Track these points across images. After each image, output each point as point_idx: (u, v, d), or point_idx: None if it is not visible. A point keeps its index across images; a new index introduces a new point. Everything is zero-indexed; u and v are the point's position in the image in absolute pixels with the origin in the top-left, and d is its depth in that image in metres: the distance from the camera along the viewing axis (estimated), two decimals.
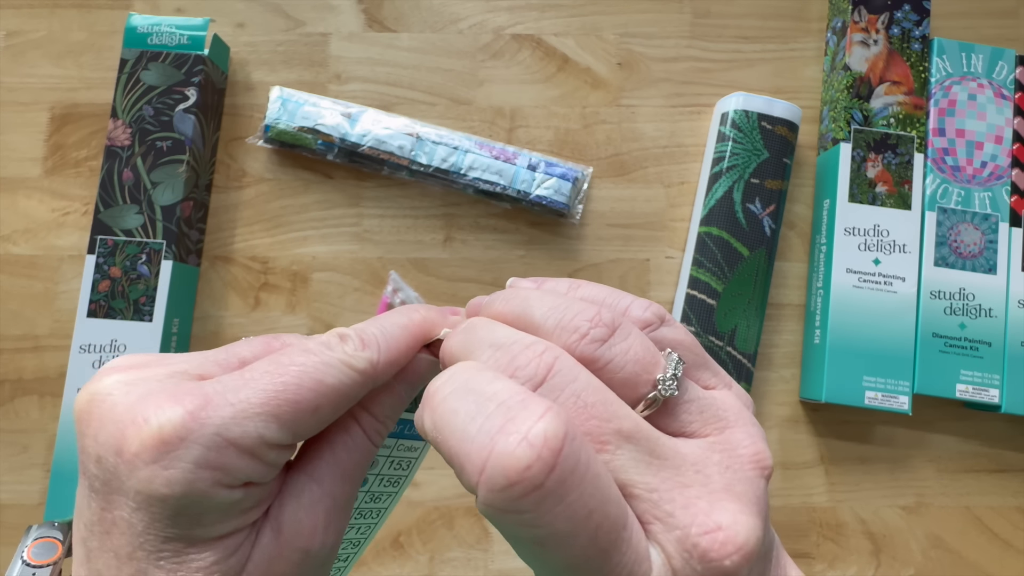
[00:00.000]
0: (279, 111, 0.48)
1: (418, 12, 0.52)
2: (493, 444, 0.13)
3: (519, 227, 0.50)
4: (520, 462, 0.13)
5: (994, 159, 0.48)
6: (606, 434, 0.15)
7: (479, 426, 0.14)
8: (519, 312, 0.18)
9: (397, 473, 0.25)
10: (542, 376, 0.15)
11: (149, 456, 0.16)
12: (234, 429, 0.16)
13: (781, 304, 0.50)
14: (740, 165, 0.47)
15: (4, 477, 0.47)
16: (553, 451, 0.13)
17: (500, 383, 0.15)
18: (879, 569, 0.47)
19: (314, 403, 0.17)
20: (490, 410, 0.14)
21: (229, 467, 0.16)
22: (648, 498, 0.15)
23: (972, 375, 0.45)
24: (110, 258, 0.45)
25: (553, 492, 0.13)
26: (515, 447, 0.13)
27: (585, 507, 0.13)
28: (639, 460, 0.15)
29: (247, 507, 0.17)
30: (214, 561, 0.17)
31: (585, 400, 0.15)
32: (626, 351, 0.17)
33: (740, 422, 0.17)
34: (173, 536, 0.16)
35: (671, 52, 0.52)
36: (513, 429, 0.13)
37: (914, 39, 0.48)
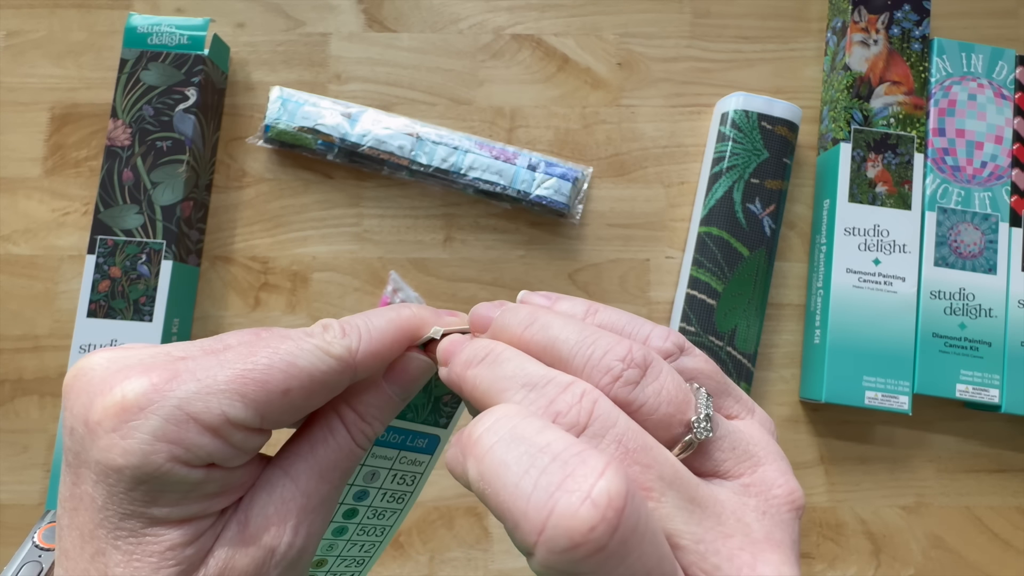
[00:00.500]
0: (279, 111, 0.48)
1: (418, 12, 0.52)
2: (554, 503, 0.13)
3: (519, 227, 0.50)
4: (584, 523, 0.12)
5: (994, 159, 0.48)
6: (650, 481, 0.15)
7: (535, 482, 0.13)
8: (543, 343, 0.18)
9: (401, 489, 0.24)
10: (583, 423, 0.15)
11: (109, 424, 0.16)
12: (196, 403, 0.16)
13: (781, 304, 0.50)
14: (740, 165, 0.47)
15: (4, 477, 0.47)
16: (617, 511, 0.12)
17: (551, 433, 0.14)
18: (879, 569, 0.47)
19: (284, 384, 0.17)
20: (545, 464, 0.13)
21: (188, 443, 0.16)
22: (695, 550, 0.15)
23: (972, 375, 0.45)
24: (110, 258, 0.45)
25: (616, 554, 0.13)
26: (578, 507, 0.12)
27: (644, 567, 0.13)
28: (683, 508, 0.15)
29: (210, 492, 0.17)
30: (171, 545, 0.16)
31: (627, 446, 0.15)
32: (659, 391, 0.16)
33: (770, 457, 0.17)
34: (131, 513, 0.16)
35: (671, 52, 0.52)
36: (574, 487, 0.13)
37: (914, 39, 0.48)
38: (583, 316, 0.19)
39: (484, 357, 0.18)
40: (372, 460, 0.23)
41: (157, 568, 0.16)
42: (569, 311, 0.19)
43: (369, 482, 0.23)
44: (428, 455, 0.24)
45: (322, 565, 0.25)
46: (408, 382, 0.20)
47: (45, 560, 0.24)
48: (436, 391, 0.23)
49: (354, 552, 0.25)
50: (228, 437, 0.16)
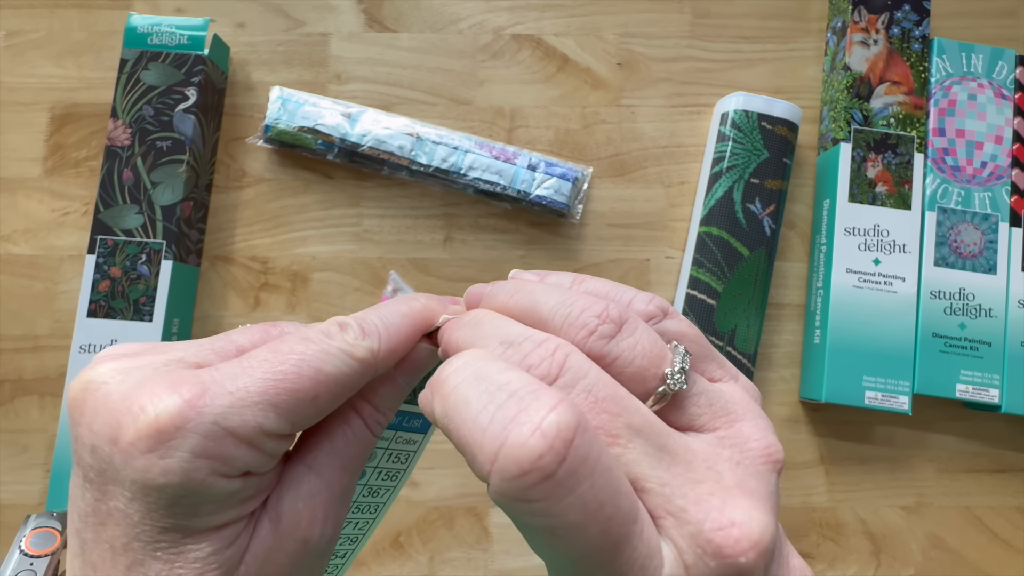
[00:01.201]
0: (279, 111, 0.48)
1: (418, 12, 0.52)
2: (506, 434, 0.13)
3: (519, 227, 0.50)
4: (532, 452, 0.13)
5: (994, 159, 0.48)
6: (617, 428, 0.15)
7: (491, 415, 0.14)
8: (525, 307, 0.18)
9: (395, 467, 0.25)
10: (555, 373, 0.15)
11: (145, 445, 0.16)
12: (232, 418, 0.16)
13: (781, 304, 0.50)
14: (740, 165, 0.47)
15: (4, 477, 0.47)
16: (565, 441, 0.13)
17: (512, 373, 0.15)
18: (879, 569, 0.47)
19: (313, 392, 0.17)
20: (502, 400, 0.14)
21: (227, 457, 0.16)
22: (660, 492, 0.15)
23: (972, 375, 0.45)
24: (110, 258, 0.45)
25: (564, 482, 0.13)
26: (527, 437, 0.13)
27: (596, 499, 0.14)
28: (650, 455, 0.15)
29: (245, 497, 0.17)
30: (212, 551, 0.17)
31: (596, 395, 0.15)
32: (633, 346, 0.17)
33: (749, 415, 0.17)
34: (170, 527, 0.16)
35: (671, 52, 0.52)
36: (526, 419, 0.14)
37: (914, 39, 0.48)
38: (569, 285, 0.20)
39: (468, 321, 0.19)
40: None
41: (201, 573, 0.16)
42: (556, 282, 0.20)
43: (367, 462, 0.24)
44: (421, 434, 0.25)
45: None
46: (418, 371, 0.21)
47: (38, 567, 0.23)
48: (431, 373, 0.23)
49: (348, 530, 0.25)
50: (262, 446, 0.17)
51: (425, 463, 0.48)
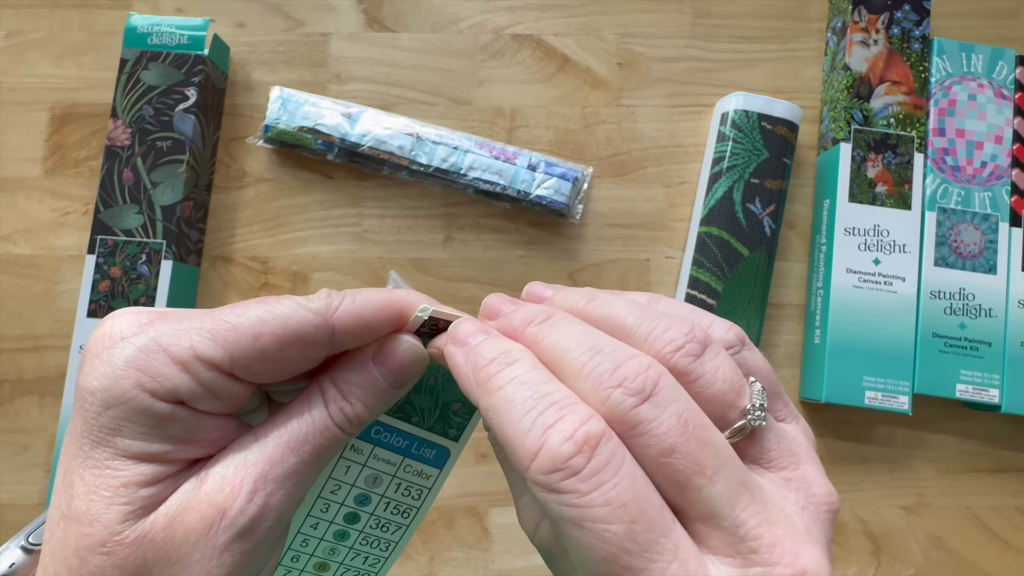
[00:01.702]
0: (279, 111, 0.48)
1: (418, 12, 0.52)
2: (546, 437, 0.15)
3: (519, 227, 0.50)
4: (565, 454, 0.15)
5: (994, 159, 0.48)
6: (705, 458, 0.16)
7: (533, 420, 0.16)
8: (606, 316, 0.18)
9: (407, 502, 0.23)
10: (649, 391, 0.16)
11: (94, 351, 0.17)
12: (168, 337, 0.17)
13: (781, 304, 0.50)
14: (740, 165, 0.47)
15: (4, 477, 0.47)
16: (592, 447, 0.15)
17: (554, 385, 0.16)
18: (879, 569, 0.47)
19: (255, 329, 0.17)
20: (544, 408, 0.16)
21: (155, 372, 0.17)
22: (734, 532, 0.15)
23: (972, 375, 0.45)
24: (110, 258, 0.45)
25: (589, 479, 0.15)
26: (562, 443, 0.15)
27: (619, 498, 0.15)
28: (731, 490, 0.16)
29: (174, 434, 0.17)
30: (126, 482, 0.17)
31: (687, 421, 0.16)
32: (716, 369, 0.17)
33: (810, 460, 0.18)
34: (99, 440, 0.17)
35: (671, 52, 0.52)
36: (562, 428, 0.15)
37: (914, 39, 0.48)
38: (646, 302, 0.20)
39: (548, 318, 0.18)
40: (374, 462, 0.23)
41: (109, 503, 0.16)
42: (632, 299, 0.20)
43: (371, 486, 0.23)
44: (436, 468, 0.23)
45: (324, 569, 0.24)
46: (397, 367, 0.20)
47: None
48: (444, 396, 0.22)
49: (358, 563, 0.24)
50: (196, 373, 0.17)
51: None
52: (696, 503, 0.15)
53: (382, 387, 0.20)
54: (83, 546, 0.16)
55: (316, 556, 0.24)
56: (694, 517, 0.16)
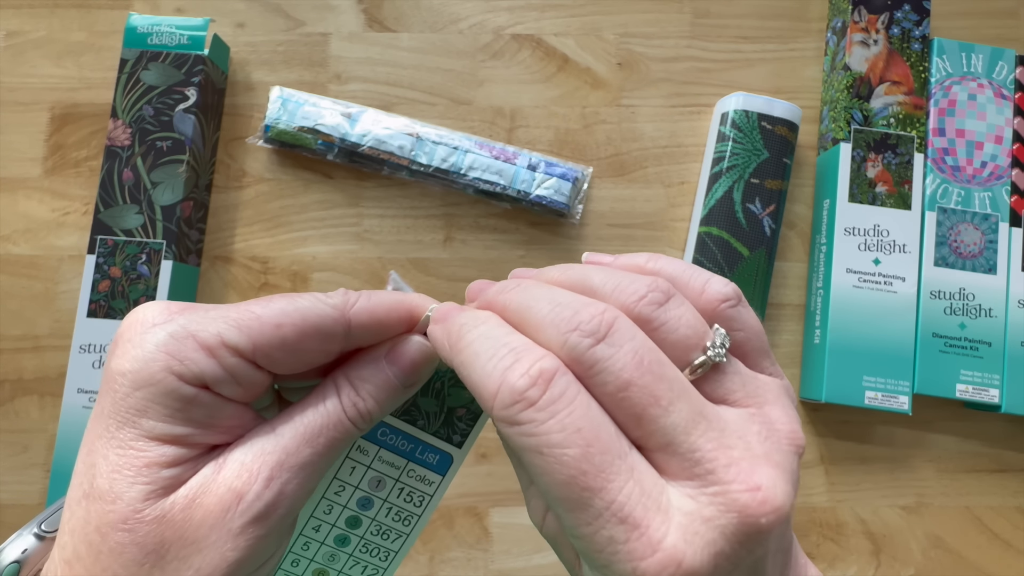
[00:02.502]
0: (279, 111, 0.48)
1: (418, 12, 0.52)
2: (504, 376, 0.16)
3: (519, 227, 0.50)
4: (522, 387, 0.16)
5: (994, 159, 0.48)
6: (660, 390, 0.16)
7: (495, 365, 0.17)
8: (576, 279, 0.20)
9: (408, 509, 0.23)
10: (603, 332, 0.17)
11: (127, 336, 0.18)
12: (197, 324, 0.18)
13: (781, 304, 0.50)
14: (740, 165, 0.47)
15: (4, 477, 0.47)
16: (546, 381, 0.16)
17: (515, 336, 0.18)
18: (879, 569, 0.47)
19: (277, 319, 0.19)
20: (504, 354, 0.17)
21: (184, 356, 0.18)
22: (690, 457, 0.16)
23: (972, 375, 0.45)
24: (110, 258, 0.45)
25: (545, 408, 0.16)
26: (519, 378, 0.16)
27: (574, 424, 0.16)
28: (687, 419, 0.16)
29: (197, 417, 0.18)
30: (149, 462, 0.17)
31: (641, 357, 0.17)
32: (680, 316, 0.18)
33: (779, 403, 0.18)
34: (125, 421, 0.17)
35: (671, 52, 0.52)
36: (519, 367, 0.17)
37: (914, 39, 0.48)
38: (644, 262, 0.21)
39: (517, 285, 0.20)
40: (378, 464, 0.23)
41: (132, 482, 0.17)
42: (628, 261, 0.21)
43: (374, 490, 0.23)
44: (439, 475, 0.23)
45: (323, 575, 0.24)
46: (408, 365, 0.21)
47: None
48: (450, 401, 0.23)
49: (356, 572, 0.24)
50: (221, 359, 0.18)
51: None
52: (653, 433, 0.16)
53: (393, 385, 0.21)
54: (105, 523, 0.17)
55: (316, 562, 0.24)
56: (652, 448, 0.16)
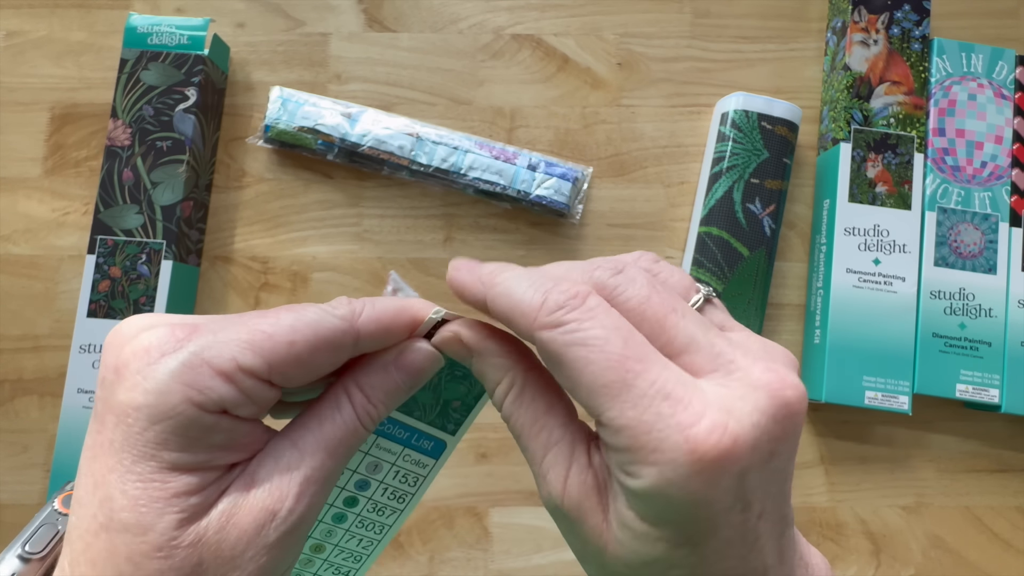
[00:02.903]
0: (279, 111, 0.48)
1: (418, 12, 0.52)
2: (547, 294, 0.18)
3: (519, 227, 0.50)
4: (566, 296, 0.18)
5: (994, 159, 0.48)
6: (675, 302, 0.19)
7: (535, 290, 0.18)
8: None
9: (403, 488, 0.25)
10: (620, 268, 0.19)
11: (134, 367, 0.17)
12: (210, 350, 0.18)
13: (781, 304, 0.50)
14: (740, 165, 0.47)
15: (4, 477, 0.47)
16: (584, 295, 0.18)
17: (546, 277, 0.19)
18: (879, 569, 0.47)
19: (289, 336, 0.19)
20: (542, 281, 0.19)
21: (202, 385, 0.17)
22: (710, 351, 0.18)
23: (972, 375, 0.45)
24: (110, 258, 0.45)
25: (587, 311, 0.18)
26: (560, 294, 0.18)
27: (612, 323, 0.18)
28: (703, 326, 0.19)
29: (218, 443, 0.18)
30: (177, 492, 0.17)
31: (653, 284, 0.19)
32: (672, 272, 0.21)
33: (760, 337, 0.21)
34: (143, 455, 0.17)
35: (671, 52, 0.52)
36: (561, 286, 0.18)
37: (914, 39, 0.48)
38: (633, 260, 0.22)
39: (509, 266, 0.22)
40: (376, 451, 0.24)
41: (162, 513, 0.17)
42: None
43: (371, 473, 0.24)
44: (433, 459, 0.24)
45: (320, 551, 0.25)
46: (415, 371, 0.21)
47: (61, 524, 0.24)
48: (446, 394, 0.23)
49: (352, 545, 0.25)
50: (239, 383, 0.18)
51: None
52: (676, 336, 0.18)
53: (401, 389, 0.21)
54: (137, 552, 0.17)
55: (313, 537, 0.25)
56: (676, 352, 0.18)
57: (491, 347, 0.21)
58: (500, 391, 0.20)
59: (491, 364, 0.21)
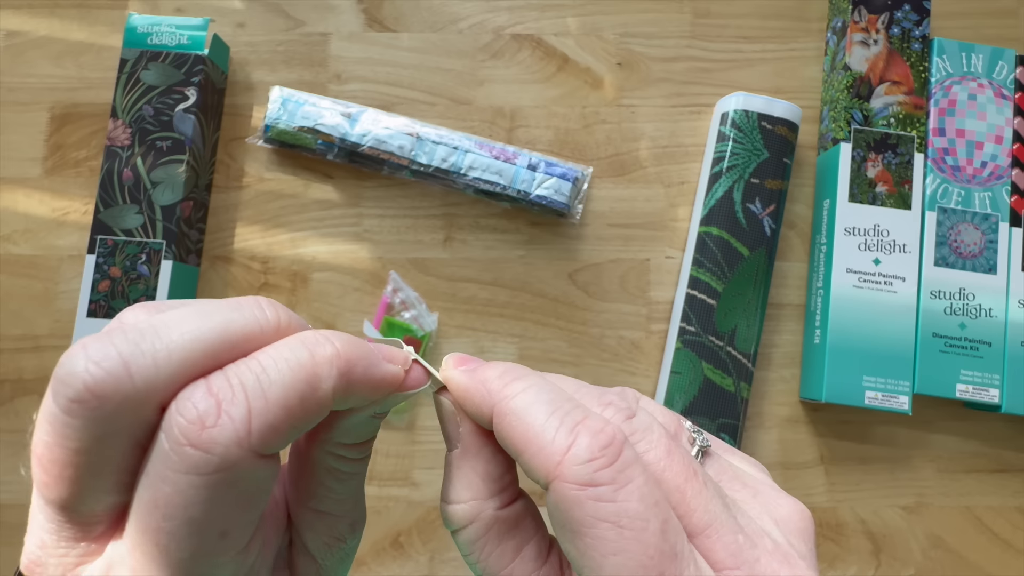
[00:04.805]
0: (279, 111, 0.48)
1: (418, 12, 0.52)
2: (577, 432, 0.15)
3: (519, 227, 0.50)
4: (599, 444, 0.15)
5: (994, 159, 0.48)
6: (693, 468, 0.16)
7: (561, 422, 0.16)
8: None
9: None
10: (633, 411, 0.17)
11: None
12: None
13: (781, 304, 0.50)
14: (740, 165, 0.47)
15: (4, 477, 0.47)
16: (619, 445, 0.15)
17: (568, 398, 0.16)
18: (879, 569, 0.47)
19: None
20: (569, 408, 0.16)
21: None
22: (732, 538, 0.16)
23: (972, 375, 0.45)
24: (110, 258, 0.45)
25: (624, 470, 0.15)
26: (594, 438, 0.15)
27: (652, 495, 0.15)
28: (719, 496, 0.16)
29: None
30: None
31: (665, 435, 0.17)
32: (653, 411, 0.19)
33: (767, 483, 0.19)
34: None
35: (671, 52, 0.52)
36: (592, 424, 0.15)
37: (914, 39, 0.48)
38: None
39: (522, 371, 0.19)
40: None
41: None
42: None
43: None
44: None
45: None
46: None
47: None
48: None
49: None
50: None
51: (425, 463, 0.48)
52: (695, 510, 0.16)
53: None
54: None
55: None
56: (696, 530, 0.16)
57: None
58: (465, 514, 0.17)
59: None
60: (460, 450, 0.18)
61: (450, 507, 0.18)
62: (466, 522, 0.17)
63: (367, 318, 0.49)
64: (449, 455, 0.18)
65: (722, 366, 0.45)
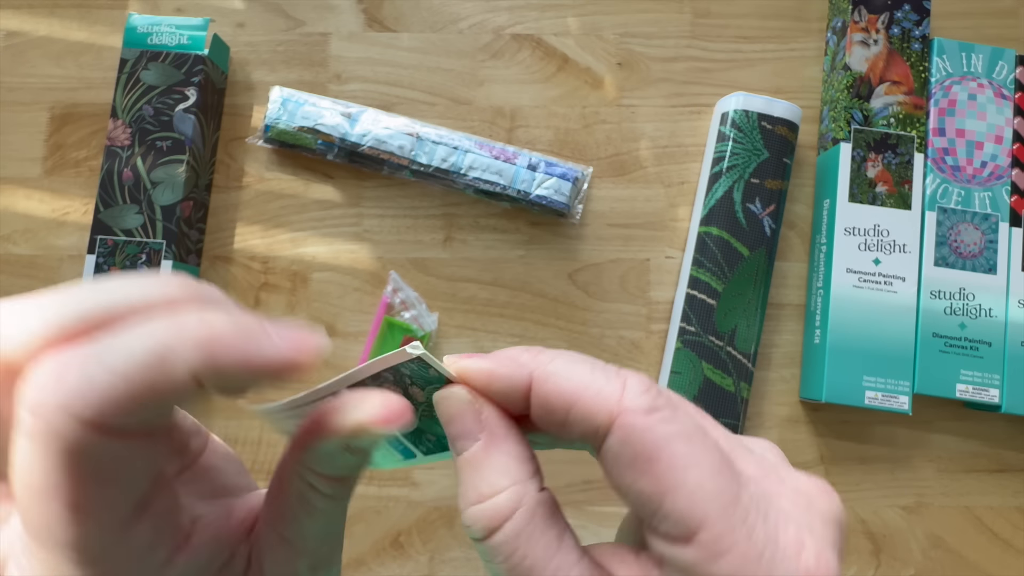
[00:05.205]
0: (279, 111, 0.48)
1: (418, 12, 0.52)
2: (624, 377, 0.17)
3: (519, 227, 0.50)
4: (647, 380, 0.17)
5: (994, 159, 0.48)
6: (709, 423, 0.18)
7: (605, 371, 0.17)
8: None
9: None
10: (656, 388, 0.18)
11: None
12: None
13: (781, 304, 0.50)
14: (740, 165, 0.47)
15: None
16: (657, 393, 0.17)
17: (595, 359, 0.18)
18: (879, 569, 0.47)
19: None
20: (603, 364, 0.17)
21: None
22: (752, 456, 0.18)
23: (972, 375, 0.45)
24: (110, 258, 0.45)
25: (671, 395, 0.17)
26: (639, 376, 0.17)
27: (693, 422, 0.16)
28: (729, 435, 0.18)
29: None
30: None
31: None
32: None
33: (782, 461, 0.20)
34: None
35: (671, 52, 0.52)
36: (628, 371, 0.17)
37: (914, 39, 0.48)
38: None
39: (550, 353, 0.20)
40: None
41: None
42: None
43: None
44: (404, 458, 0.23)
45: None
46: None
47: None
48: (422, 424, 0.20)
49: None
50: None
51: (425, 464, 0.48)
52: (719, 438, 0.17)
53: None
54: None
55: None
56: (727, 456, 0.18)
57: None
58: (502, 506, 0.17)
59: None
60: (485, 440, 0.17)
61: (486, 503, 0.16)
62: (508, 514, 0.16)
63: (367, 317, 0.49)
64: (467, 454, 0.17)
65: (722, 366, 0.45)
